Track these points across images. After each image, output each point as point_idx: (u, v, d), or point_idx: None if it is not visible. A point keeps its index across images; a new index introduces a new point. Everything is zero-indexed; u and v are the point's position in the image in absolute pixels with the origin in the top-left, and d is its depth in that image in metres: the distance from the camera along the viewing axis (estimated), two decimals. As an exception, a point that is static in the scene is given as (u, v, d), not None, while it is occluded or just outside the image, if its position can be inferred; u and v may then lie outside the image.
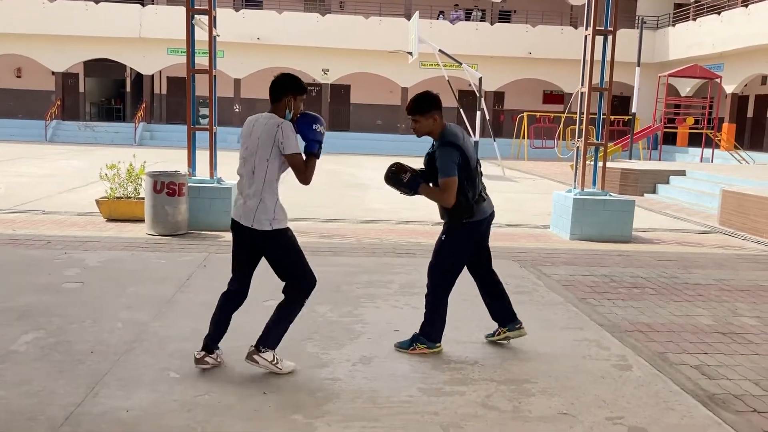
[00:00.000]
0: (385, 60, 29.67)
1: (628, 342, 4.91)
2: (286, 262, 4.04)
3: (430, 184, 4.43)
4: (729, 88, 26.81)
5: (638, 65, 23.24)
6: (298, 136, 3.97)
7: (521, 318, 5.18)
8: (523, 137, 28.03)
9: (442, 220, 4.52)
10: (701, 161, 23.86)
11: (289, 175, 4.19)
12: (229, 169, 14.86)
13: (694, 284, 6.80)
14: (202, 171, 9.33)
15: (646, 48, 27.34)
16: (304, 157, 3.98)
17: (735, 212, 10.78)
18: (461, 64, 20.35)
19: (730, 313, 5.81)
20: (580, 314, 5.54)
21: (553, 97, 34.00)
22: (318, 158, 4.02)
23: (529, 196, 14.30)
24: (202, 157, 9.24)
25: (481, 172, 4.49)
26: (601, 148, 9.65)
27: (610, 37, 9.30)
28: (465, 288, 6.07)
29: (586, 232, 9.12)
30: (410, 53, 21.12)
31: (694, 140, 27.00)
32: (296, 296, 4.09)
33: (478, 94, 20.56)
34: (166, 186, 8.24)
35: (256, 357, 4.03)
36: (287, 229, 4.01)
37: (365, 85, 32.84)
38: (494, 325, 4.83)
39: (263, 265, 4.13)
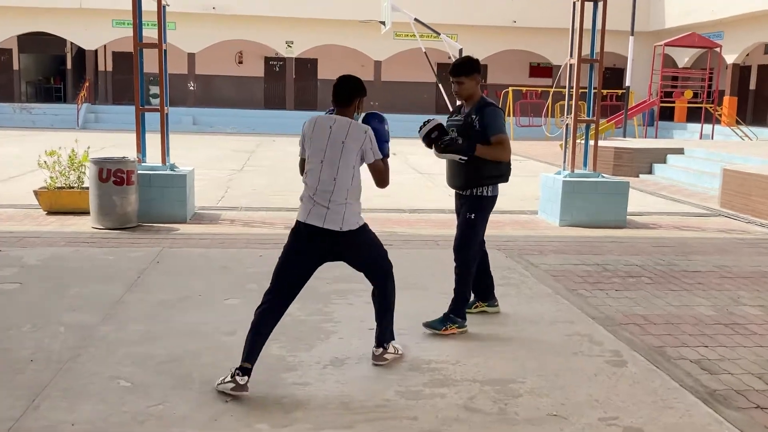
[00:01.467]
0: (355, 31, 29.54)
1: (622, 336, 4.97)
2: (374, 254, 4.38)
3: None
4: (730, 58, 27.15)
5: (632, 34, 23.43)
6: None
7: (507, 311, 5.28)
8: (509, 114, 28.13)
9: (462, 192, 4.97)
10: (701, 138, 24.17)
11: (249, 167, 4.16)
12: (182, 153, 14.83)
13: (694, 272, 6.91)
14: (154, 157, 9.23)
15: (641, 15, 27.54)
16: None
17: (737, 193, 10.95)
18: (439, 34, 20.34)
19: (731, 302, 5.91)
20: (571, 307, 5.60)
21: (541, 69, 34.16)
22: (388, 158, 4.35)
23: (515, 179, 14.28)
24: (153, 141, 9.14)
25: None
26: (593, 126, 9.73)
27: (600, 4, 9.35)
28: (444, 283, 6.11)
29: (577, 217, 9.20)
30: (383, 23, 21.07)
31: (693, 115, 27.33)
32: (387, 281, 4.43)
33: (458, 68, 20.57)
34: (113, 174, 8.14)
35: (386, 356, 4.38)
36: (367, 225, 4.36)
37: (334, 58, 32.68)
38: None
39: (218, 264, 4.10)
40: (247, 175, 14.00)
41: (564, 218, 9.23)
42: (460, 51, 20.37)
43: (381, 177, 4.28)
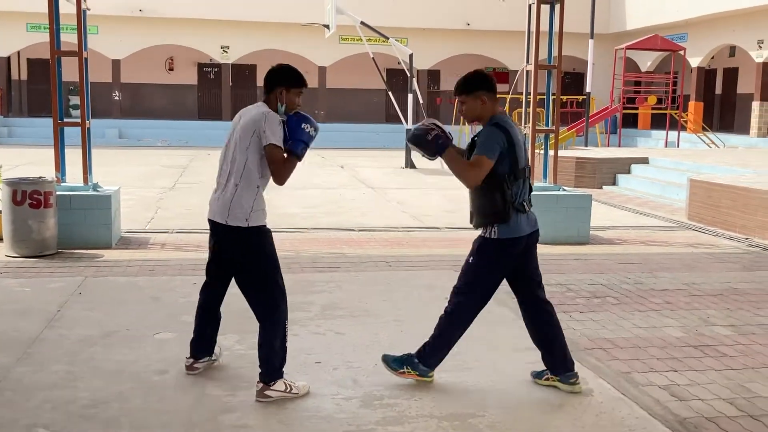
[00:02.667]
0: (297, 35, 29.55)
1: (588, 362, 5.05)
2: (255, 268, 4.31)
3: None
4: (694, 62, 27.97)
5: (591, 37, 23.94)
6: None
7: (466, 336, 5.21)
8: (464, 123, 28.42)
9: (476, 229, 4.57)
10: (666, 146, 24.80)
11: (184, 184, 4.12)
12: (107, 171, 14.61)
13: (661, 290, 7.06)
14: (74, 175, 9.06)
15: (601, 17, 28.21)
16: (285, 155, 4.25)
17: (704, 204, 11.25)
18: (388, 38, 20.50)
19: (701, 322, 6.06)
20: (533, 332, 5.65)
21: (497, 75, 34.60)
22: (300, 160, 4.33)
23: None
24: (74, 157, 8.98)
25: (530, 185, 4.56)
26: (552, 135, 9.90)
27: (557, 5, 9.54)
28: (399, 310, 6.11)
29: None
30: (327, 26, 21.14)
31: (658, 122, 28.03)
32: (269, 319, 4.32)
33: (409, 74, 20.77)
34: (28, 196, 7.97)
35: (267, 392, 4.26)
36: (262, 228, 4.27)
37: (274, 64, 32.60)
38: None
39: (148, 294, 4.05)
40: (180, 194, 13.84)
41: (524, 235, 9.32)
42: (410, 56, 20.55)
43: (275, 168, 4.22)
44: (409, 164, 19.83)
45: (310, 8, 26.23)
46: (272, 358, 4.30)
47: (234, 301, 6.29)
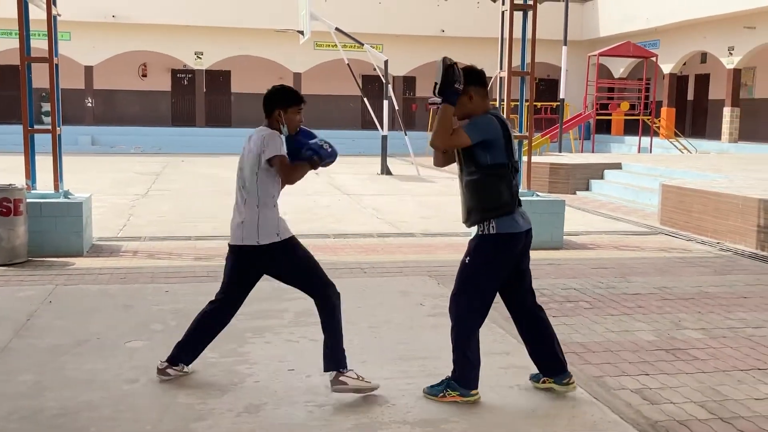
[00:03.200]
0: (271, 41, 29.52)
1: (560, 367, 5.06)
2: (300, 275, 4.52)
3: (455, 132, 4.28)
4: (666, 68, 28.28)
5: (565, 44, 24.17)
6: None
7: (440, 344, 5.23)
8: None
9: (468, 228, 4.47)
10: (639, 151, 25.03)
11: (156, 189, 4.09)
12: (79, 178, 14.48)
13: (634, 294, 7.11)
14: (45, 182, 8.97)
15: (574, 24, 28.45)
16: (287, 160, 4.41)
17: (676, 209, 11.36)
18: (363, 44, 20.52)
19: (673, 326, 6.11)
20: (507, 336, 5.67)
21: (472, 81, 34.74)
22: (313, 168, 4.49)
23: (447, 199, 14.56)
24: (45, 164, 8.89)
25: (519, 181, 4.54)
26: (526, 141, 9.95)
27: (530, 12, 9.61)
28: (373, 316, 6.11)
29: (512, 239, 9.35)
30: (301, 32, 21.12)
31: (631, 128, 28.30)
32: (330, 317, 4.48)
33: (384, 80, 20.80)
34: (-3, 203, 7.88)
35: (342, 379, 4.40)
36: (293, 238, 4.50)
37: (249, 70, 32.55)
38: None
39: (119, 302, 4.01)
40: (153, 201, 13.75)
41: (498, 241, 9.36)
42: (386, 62, 20.59)
43: (282, 173, 4.39)
44: (385, 171, 19.85)
45: (285, 14, 26.20)
46: (341, 345, 4.48)
47: (206, 308, 6.26)
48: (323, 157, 4.45)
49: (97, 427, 4.00)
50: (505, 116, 4.41)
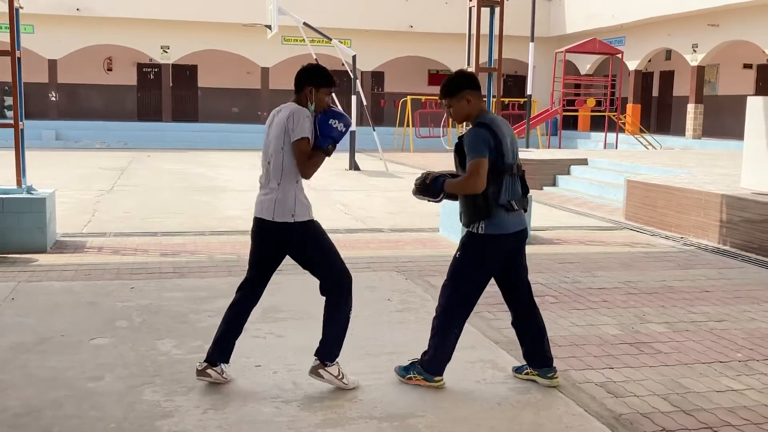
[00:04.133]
0: (239, 35, 29.32)
1: (526, 361, 5.11)
2: (316, 257, 4.47)
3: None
4: (632, 65, 28.59)
5: (532, 40, 24.31)
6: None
7: (406, 338, 5.27)
8: (408, 125, 28.59)
9: (466, 227, 4.58)
10: (605, 147, 25.31)
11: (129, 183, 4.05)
12: (41, 173, 14.27)
13: (599, 289, 7.19)
14: (7, 178, 8.84)
15: (541, 20, 28.63)
16: (308, 150, 4.36)
17: (641, 204, 11.50)
18: (331, 39, 20.45)
19: (637, 320, 6.19)
20: (473, 330, 5.70)
21: (440, 77, 34.82)
22: (327, 155, 4.42)
23: (414, 195, 14.58)
24: (7, 159, 8.75)
25: (526, 185, 4.57)
26: (493, 137, 9.97)
27: (498, 9, 9.65)
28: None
29: (480, 234, 9.39)
30: (269, 27, 20.99)
31: (597, 124, 28.60)
32: (336, 297, 4.49)
33: (352, 75, 20.76)
34: (-42, 199, 7.74)
35: (321, 372, 4.44)
36: (311, 221, 4.44)
37: (216, 65, 32.32)
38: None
39: (84, 299, 3.96)
40: (118, 197, 13.60)
41: (466, 236, 9.40)
42: (354, 57, 20.56)
43: (300, 162, 4.34)
44: (353, 166, 19.83)
45: (252, 8, 26.04)
46: (340, 336, 4.51)
47: (170, 305, 6.24)
48: (337, 141, 4.51)
49: (61, 426, 3.96)
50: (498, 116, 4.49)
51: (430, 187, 4.52)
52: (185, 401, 4.30)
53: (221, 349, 4.55)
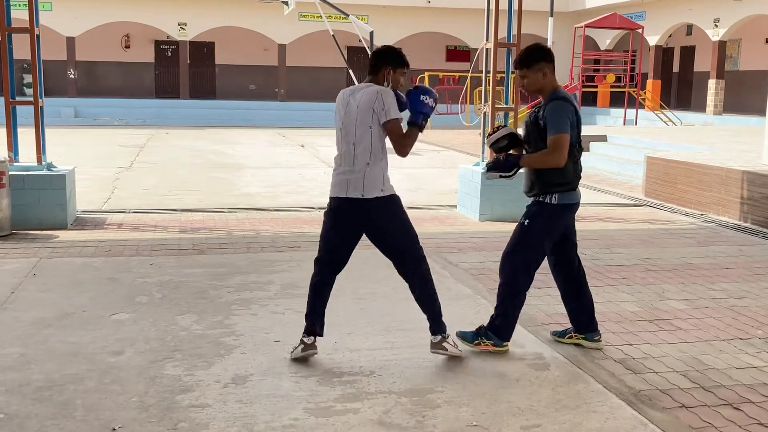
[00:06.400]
0: (256, 11, 29.24)
1: (544, 337, 5.11)
2: (397, 231, 4.58)
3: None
4: (652, 40, 28.25)
5: (551, 15, 24.03)
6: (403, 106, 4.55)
7: (424, 319, 5.26)
8: (475, 103, 28.43)
9: (529, 197, 4.74)
10: (624, 123, 25.08)
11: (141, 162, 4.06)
12: (61, 150, 14.35)
13: (618, 266, 7.16)
14: (28, 155, 8.89)
15: (560, -5, 28.30)
16: (405, 127, 4.51)
17: (661, 181, 11.41)
18: (348, 15, 20.36)
19: (656, 296, 6.16)
20: (492, 308, 5.68)
21: (458, 53, 34.68)
22: (421, 131, 4.55)
23: (432, 172, 14.58)
24: (27, 137, 8.80)
25: (581, 146, 4.72)
26: (512, 113, 9.94)
27: (516, -17, 9.55)
28: (359, 288, 6.12)
29: (498, 211, 9.39)
30: (286, 3, 20.95)
31: (616, 100, 28.33)
32: (419, 270, 4.60)
33: (369, 52, 20.66)
34: (-21, 176, 7.81)
35: (444, 344, 4.59)
36: (397, 196, 4.58)
37: (233, 42, 32.28)
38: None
39: (104, 275, 3.99)
40: (137, 174, 13.67)
41: (483, 213, 9.40)
42: (371, 34, 20.45)
43: (396, 141, 4.45)
44: (370, 143, 19.80)
45: (269, -15, 25.92)
46: (439, 309, 4.64)
47: (190, 281, 6.28)
48: (429, 117, 4.62)
49: (83, 400, 4.00)
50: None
51: (503, 164, 4.68)
52: (205, 376, 4.34)
53: (315, 320, 4.67)
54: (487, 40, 9.71)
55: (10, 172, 8.17)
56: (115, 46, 32.46)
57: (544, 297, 6.06)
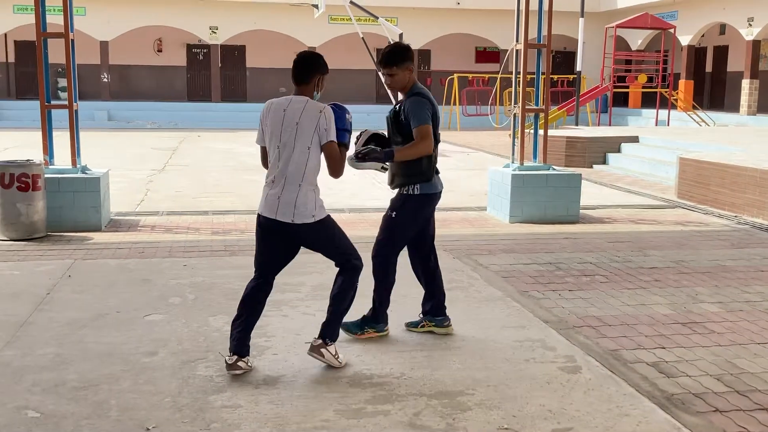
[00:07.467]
0: (286, 14, 29.39)
1: (576, 340, 5.08)
2: (332, 249, 4.53)
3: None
4: (684, 40, 27.92)
5: (582, 15, 23.88)
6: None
7: (454, 317, 5.29)
8: (454, 103, 28.40)
9: (393, 190, 5.01)
10: (656, 124, 24.81)
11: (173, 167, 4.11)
12: (96, 153, 14.53)
13: (650, 268, 7.09)
14: (63, 158, 9.02)
15: (591, -5, 28.09)
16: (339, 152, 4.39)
17: (694, 183, 11.28)
18: (377, 18, 20.39)
19: (689, 299, 6.09)
20: (522, 310, 5.69)
21: (487, 54, 34.53)
22: (348, 150, 4.48)
23: (462, 173, 14.53)
24: (62, 140, 8.93)
25: (439, 138, 4.97)
26: (542, 114, 9.89)
27: (547, -16, 9.50)
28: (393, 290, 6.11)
29: (528, 212, 9.35)
30: (316, 6, 21.03)
31: (648, 100, 28.03)
32: (349, 280, 4.54)
33: (398, 54, 20.66)
34: (16, 179, 7.92)
35: (323, 350, 4.45)
36: (328, 217, 4.48)
37: (263, 45, 32.45)
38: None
39: (138, 276, 4.04)
40: (169, 176, 13.80)
41: (514, 214, 9.36)
42: (401, 36, 20.44)
43: (335, 163, 4.36)
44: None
45: (299, -12, 26.03)
46: (340, 317, 4.59)
47: (222, 282, 6.33)
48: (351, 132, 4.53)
49: (117, 400, 4.05)
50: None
51: (379, 158, 4.73)
52: (238, 376, 4.37)
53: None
54: (517, 41, 9.67)
55: (46, 175, 8.30)
56: (147, 50, 32.80)
57: (575, 300, 6.02)
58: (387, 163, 4.82)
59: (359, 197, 11.45)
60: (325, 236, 4.48)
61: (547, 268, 7.04)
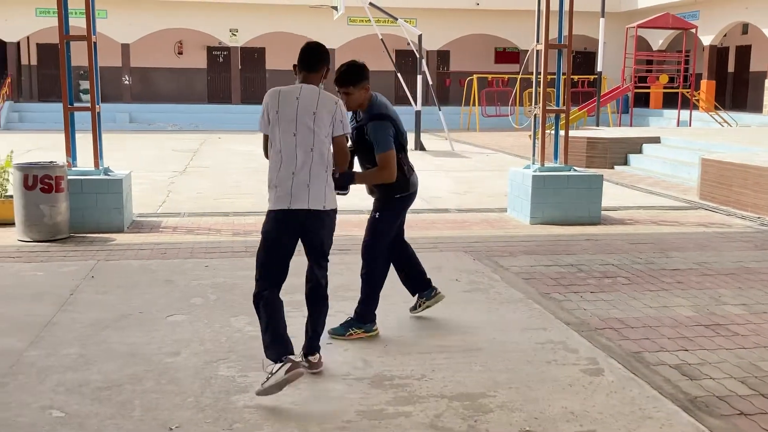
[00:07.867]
0: (305, 16, 29.47)
1: (598, 342, 5.05)
2: (328, 242, 4.49)
3: (359, 170, 4.96)
4: (706, 40, 27.70)
5: (602, 15, 23.77)
6: None
7: (475, 319, 5.30)
8: (474, 104, 28.35)
9: (372, 197, 5.16)
10: (678, 125, 24.64)
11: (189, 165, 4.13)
12: (118, 155, 14.65)
13: (673, 270, 7.04)
14: (85, 160, 9.10)
15: (612, -5, 27.94)
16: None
17: (716, 184, 11.18)
18: (397, 19, 20.39)
19: (712, 301, 6.04)
20: (544, 312, 5.67)
21: (507, 55, 34.45)
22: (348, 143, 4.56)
23: (482, 174, 14.50)
24: (85, 142, 9.01)
25: (406, 141, 5.13)
26: (563, 115, 9.85)
27: (567, -15, 9.46)
28: (408, 291, 6.12)
29: (549, 214, 9.31)
30: (335, 8, 21.08)
31: (670, 101, 27.84)
32: (325, 286, 4.57)
33: (418, 55, 20.67)
34: (40, 181, 8.00)
35: (319, 362, 4.48)
36: (336, 210, 4.45)
37: (283, 47, 32.51)
38: None
39: (160, 277, 4.06)
40: (191, 178, 13.88)
41: (534, 216, 9.33)
42: (420, 37, 20.45)
43: (344, 156, 4.41)
44: (419, 146, 19.78)
45: (319, -10, 26.10)
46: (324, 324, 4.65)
47: (243, 283, 6.35)
48: None
49: (141, 400, 4.08)
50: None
51: (339, 181, 4.56)
52: (259, 377, 4.36)
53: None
54: (537, 41, 9.64)
55: (69, 177, 8.37)
56: (168, 53, 33.02)
57: (597, 302, 5.99)
58: (345, 190, 4.68)
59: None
60: (331, 227, 4.48)
61: (569, 269, 7.01)
